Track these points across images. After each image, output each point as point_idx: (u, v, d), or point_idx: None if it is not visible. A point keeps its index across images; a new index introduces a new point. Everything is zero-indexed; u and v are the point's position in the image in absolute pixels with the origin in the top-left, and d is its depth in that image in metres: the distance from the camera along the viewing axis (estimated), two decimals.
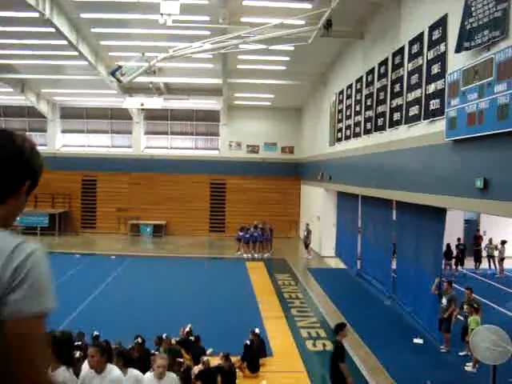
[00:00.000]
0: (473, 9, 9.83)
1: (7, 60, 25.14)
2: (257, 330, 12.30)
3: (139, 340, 10.25)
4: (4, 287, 1.61)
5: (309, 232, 26.10)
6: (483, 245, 23.21)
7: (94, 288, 18.53)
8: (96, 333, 11.17)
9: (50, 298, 1.75)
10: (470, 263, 22.78)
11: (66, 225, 33.25)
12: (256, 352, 11.63)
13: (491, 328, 9.96)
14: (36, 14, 16.77)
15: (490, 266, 22.89)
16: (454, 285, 14.26)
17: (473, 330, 10.86)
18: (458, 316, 13.06)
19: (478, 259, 22.74)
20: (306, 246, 26.21)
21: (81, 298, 17.05)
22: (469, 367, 11.55)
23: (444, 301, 12.96)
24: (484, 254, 23.01)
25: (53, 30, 18.35)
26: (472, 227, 26.08)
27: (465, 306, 12.40)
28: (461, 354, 12.44)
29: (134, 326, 12.03)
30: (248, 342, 11.60)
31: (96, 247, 29.71)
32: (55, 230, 31.99)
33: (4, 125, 34.80)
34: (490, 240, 22.88)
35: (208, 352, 11.22)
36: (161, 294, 17.93)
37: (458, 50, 10.44)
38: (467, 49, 10.07)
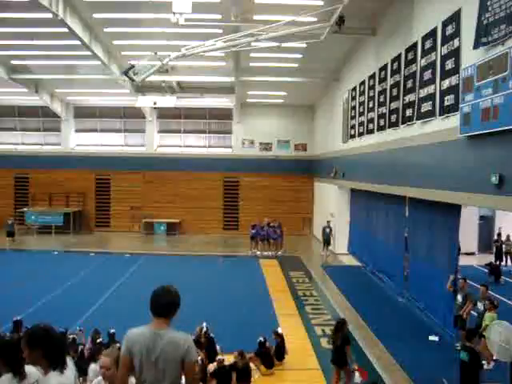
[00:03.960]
0: (489, 3, 9.72)
1: (21, 61, 25.36)
2: (279, 330, 12.32)
3: None
4: (184, 353, 4.24)
5: (331, 229, 25.96)
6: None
7: (108, 286, 18.65)
8: (112, 330, 11.26)
9: (196, 355, 4.83)
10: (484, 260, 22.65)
11: (80, 223, 33.54)
12: (275, 351, 11.68)
13: (503, 324, 9.90)
14: (49, 15, 16.89)
15: (506, 262, 22.73)
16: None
17: (487, 325, 10.81)
18: (472, 312, 12.96)
19: (499, 257, 22.61)
20: (328, 243, 26.03)
21: (95, 296, 17.17)
22: (484, 364, 11.46)
23: (459, 298, 12.87)
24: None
25: (66, 30, 18.47)
26: (488, 224, 25.92)
27: (486, 302, 12.25)
28: None
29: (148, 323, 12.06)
30: (262, 339, 11.63)
31: (110, 246, 29.89)
32: (70, 228, 32.27)
33: (19, 124, 35.19)
34: (508, 237, 22.70)
35: (217, 349, 11.28)
36: None
37: (476, 45, 10.29)
38: (485, 44, 9.94)
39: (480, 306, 12.45)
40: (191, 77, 27.54)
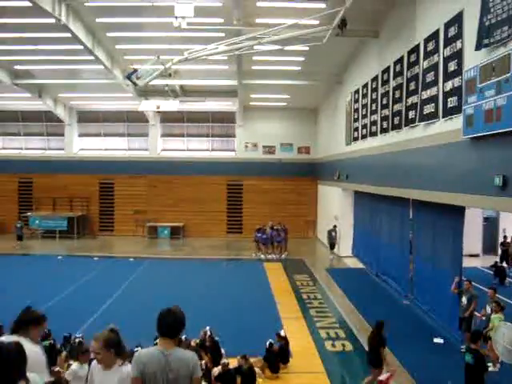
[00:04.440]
0: (491, 5, 9.73)
1: (25, 66, 25.45)
2: (282, 333, 12.30)
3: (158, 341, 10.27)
4: (192, 370, 4.62)
5: (336, 233, 25.95)
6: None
7: (112, 290, 18.65)
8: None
9: (201, 371, 4.83)
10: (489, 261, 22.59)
11: (84, 228, 33.58)
12: (279, 353, 11.65)
13: (508, 325, 9.86)
14: (52, 20, 16.95)
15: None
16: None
17: (494, 326, 10.79)
18: (483, 318, 12.86)
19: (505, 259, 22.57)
20: (333, 246, 26.04)
21: (100, 300, 17.16)
22: (490, 366, 11.41)
23: (464, 300, 12.83)
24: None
25: (69, 35, 18.54)
26: (492, 225, 25.85)
27: (493, 304, 12.19)
28: None
29: (153, 327, 12.08)
30: (272, 341, 11.63)
31: (114, 250, 29.88)
32: (74, 233, 32.29)
33: (22, 129, 35.30)
34: None
35: (222, 352, 11.28)
36: (179, 296, 17.92)
37: (478, 47, 10.29)
38: (487, 46, 9.94)
39: (488, 309, 12.39)
40: (194, 80, 27.61)
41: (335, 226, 26.20)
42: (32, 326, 5.24)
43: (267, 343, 11.58)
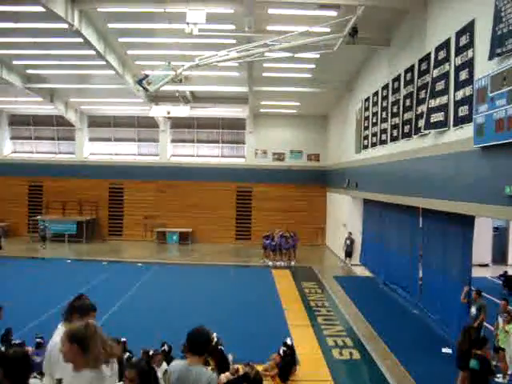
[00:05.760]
0: (503, 14, 9.69)
1: (37, 70, 25.65)
2: (288, 341, 12.26)
3: (165, 347, 10.30)
4: None
5: (352, 241, 25.81)
6: None
7: (120, 295, 18.68)
8: (123, 339, 11.25)
9: None
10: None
11: (93, 232, 33.66)
12: (288, 362, 11.62)
13: None
14: (65, 25, 17.06)
15: None
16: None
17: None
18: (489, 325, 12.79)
19: None
20: (349, 255, 25.94)
21: (108, 304, 17.15)
22: (499, 379, 11.31)
23: (473, 310, 12.74)
24: None
25: (81, 40, 18.65)
26: (501, 235, 25.69)
27: (505, 315, 12.10)
28: None
29: (160, 333, 12.09)
30: (285, 349, 11.61)
31: (123, 255, 29.97)
32: (83, 237, 32.39)
33: (33, 133, 35.53)
34: None
35: (230, 358, 11.23)
36: (187, 302, 17.99)
37: (491, 56, 10.25)
38: (499, 55, 9.90)
39: (500, 320, 12.28)
40: (205, 87, 27.70)
41: (350, 233, 26.03)
42: (75, 314, 5.06)
43: (281, 351, 11.55)
